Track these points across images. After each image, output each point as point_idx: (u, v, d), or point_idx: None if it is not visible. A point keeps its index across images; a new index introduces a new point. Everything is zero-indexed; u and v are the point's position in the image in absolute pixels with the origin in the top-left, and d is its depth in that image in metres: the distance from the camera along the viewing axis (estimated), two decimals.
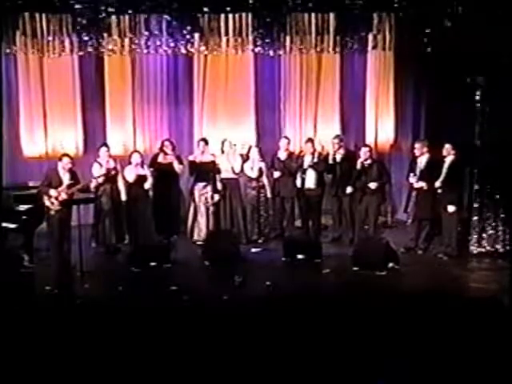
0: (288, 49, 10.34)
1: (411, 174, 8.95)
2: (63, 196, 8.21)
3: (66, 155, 8.57)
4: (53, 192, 8.19)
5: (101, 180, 8.90)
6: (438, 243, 9.03)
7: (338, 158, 9.50)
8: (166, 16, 9.93)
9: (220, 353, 5.56)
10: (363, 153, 9.17)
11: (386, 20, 10.05)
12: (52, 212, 8.20)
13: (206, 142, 9.77)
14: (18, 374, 5.28)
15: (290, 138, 9.92)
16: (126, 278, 8.01)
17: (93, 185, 8.79)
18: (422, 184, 8.81)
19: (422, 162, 8.95)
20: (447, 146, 8.75)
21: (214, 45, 10.25)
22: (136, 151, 9.54)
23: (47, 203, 8.21)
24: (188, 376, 5.26)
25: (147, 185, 9.19)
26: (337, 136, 9.78)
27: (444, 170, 8.72)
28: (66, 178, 8.30)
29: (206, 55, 10.44)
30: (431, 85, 10.01)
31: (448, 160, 8.74)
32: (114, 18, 9.97)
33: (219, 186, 9.54)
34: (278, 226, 9.88)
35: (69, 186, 8.28)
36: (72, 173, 8.39)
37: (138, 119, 10.69)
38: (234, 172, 9.60)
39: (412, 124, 10.55)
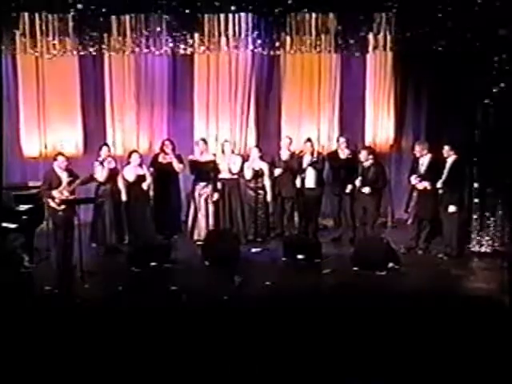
0: (288, 49, 10.35)
1: (413, 176, 8.94)
2: (66, 194, 8.24)
3: (61, 154, 8.61)
4: (55, 193, 8.22)
5: (103, 179, 8.90)
6: (438, 243, 9.03)
7: (343, 157, 9.55)
8: (165, 16, 9.94)
9: (220, 353, 5.57)
10: (362, 155, 9.17)
11: (385, 20, 10.06)
12: (60, 213, 8.22)
13: (205, 141, 9.77)
14: (18, 374, 5.29)
15: (291, 138, 9.93)
16: (125, 278, 8.00)
17: (102, 178, 8.82)
18: (425, 184, 8.80)
19: (423, 162, 8.94)
20: (446, 147, 8.75)
21: (213, 45, 10.26)
22: (135, 151, 9.53)
23: (53, 205, 8.24)
24: (188, 376, 5.27)
25: (145, 185, 9.19)
26: (342, 135, 9.88)
27: (446, 171, 8.72)
28: (64, 177, 8.34)
29: (205, 55, 10.44)
30: (431, 85, 10.01)
31: (450, 160, 8.73)
32: (113, 17, 9.99)
33: (219, 185, 9.55)
34: (278, 226, 9.89)
35: (69, 184, 8.31)
36: (69, 171, 8.42)
37: (137, 119, 10.68)
38: (231, 172, 9.59)
39: (412, 124, 10.56)
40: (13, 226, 8.26)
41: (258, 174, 9.56)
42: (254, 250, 9.22)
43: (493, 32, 8.42)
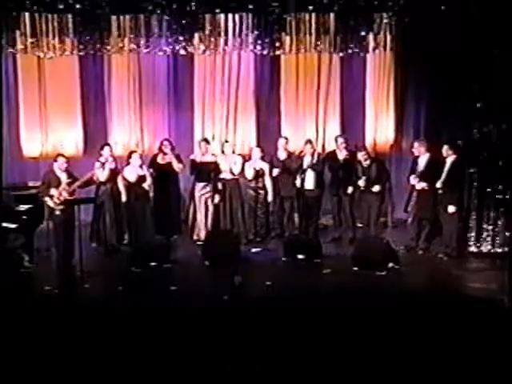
0: (288, 49, 10.34)
1: (412, 175, 8.95)
2: (64, 195, 8.23)
3: (61, 155, 8.58)
4: (54, 191, 8.20)
5: (104, 178, 8.91)
6: (438, 243, 9.02)
7: (341, 157, 9.54)
8: (165, 16, 9.94)
9: (220, 353, 5.57)
10: (361, 156, 9.18)
11: (386, 20, 10.05)
12: (57, 212, 8.20)
13: (207, 142, 9.78)
14: (18, 374, 5.29)
15: (288, 138, 9.91)
16: (125, 278, 8.01)
17: (104, 178, 8.81)
18: (423, 184, 8.81)
19: (422, 162, 8.95)
20: (445, 146, 8.78)
21: (213, 45, 10.26)
22: (135, 151, 9.53)
23: (50, 204, 8.23)
24: (188, 376, 5.27)
25: (146, 185, 9.20)
26: (341, 135, 9.86)
27: (445, 171, 8.72)
28: (63, 178, 8.32)
29: (205, 55, 10.45)
30: (431, 84, 10.01)
31: (449, 160, 8.74)
32: (114, 18, 9.99)
33: (219, 185, 9.55)
34: (278, 226, 9.89)
35: (68, 184, 8.30)
36: (68, 172, 8.41)
37: (138, 119, 10.69)
38: (232, 173, 9.59)
39: (412, 124, 10.55)
40: (13, 226, 8.27)
41: (258, 174, 9.57)
42: (253, 249, 9.22)
43: (492, 31, 8.42)
